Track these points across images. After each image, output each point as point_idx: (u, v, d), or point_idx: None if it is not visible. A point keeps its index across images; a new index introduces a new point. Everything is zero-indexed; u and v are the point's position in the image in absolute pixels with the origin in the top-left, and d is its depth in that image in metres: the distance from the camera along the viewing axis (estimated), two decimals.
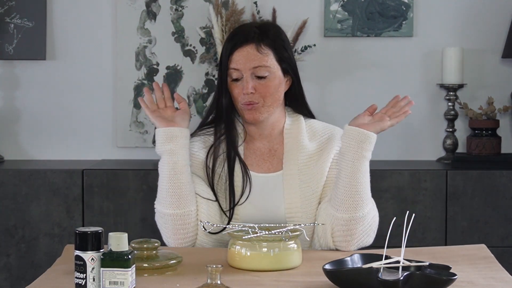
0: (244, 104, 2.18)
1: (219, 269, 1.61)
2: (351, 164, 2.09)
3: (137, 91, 3.54)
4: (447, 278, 1.65)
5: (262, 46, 2.19)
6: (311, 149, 2.25)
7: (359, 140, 2.09)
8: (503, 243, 3.18)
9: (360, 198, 2.09)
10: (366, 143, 2.10)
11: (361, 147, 2.09)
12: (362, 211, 2.08)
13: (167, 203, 2.14)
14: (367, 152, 2.10)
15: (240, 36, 2.20)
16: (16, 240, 3.18)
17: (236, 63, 2.18)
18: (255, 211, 2.21)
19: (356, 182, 2.08)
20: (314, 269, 1.88)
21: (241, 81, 2.19)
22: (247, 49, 2.18)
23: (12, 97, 3.55)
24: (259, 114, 2.19)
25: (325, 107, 3.51)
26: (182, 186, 2.13)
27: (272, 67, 2.19)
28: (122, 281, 1.64)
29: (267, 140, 2.27)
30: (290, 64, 2.24)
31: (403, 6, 3.51)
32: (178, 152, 2.13)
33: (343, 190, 2.09)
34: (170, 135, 2.14)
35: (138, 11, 3.53)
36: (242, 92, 2.18)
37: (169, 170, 2.13)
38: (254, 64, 2.17)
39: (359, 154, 2.09)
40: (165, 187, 2.14)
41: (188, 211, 2.14)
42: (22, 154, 3.56)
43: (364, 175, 2.11)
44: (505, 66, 3.54)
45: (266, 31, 2.21)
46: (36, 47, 3.51)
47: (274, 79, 2.19)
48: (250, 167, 2.25)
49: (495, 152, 3.39)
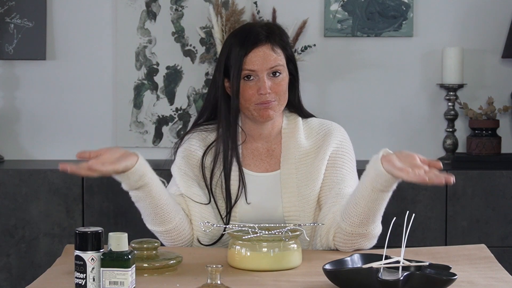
0: (260, 103, 2.17)
1: (219, 269, 1.61)
2: (370, 191, 2.00)
3: (137, 91, 3.54)
4: (447, 278, 1.65)
5: (275, 46, 2.19)
6: (307, 147, 2.25)
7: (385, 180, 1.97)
8: (503, 243, 3.18)
9: (367, 219, 2.04)
10: (392, 185, 2.00)
11: (381, 183, 1.98)
12: (367, 228, 2.06)
13: (156, 222, 2.13)
14: (388, 188, 2.00)
15: (252, 37, 2.17)
16: (16, 240, 3.18)
17: (253, 64, 2.16)
18: (252, 211, 2.21)
19: (368, 208, 2.02)
20: (314, 269, 1.88)
21: (254, 81, 2.17)
22: (263, 49, 2.17)
23: (12, 97, 3.55)
24: (273, 112, 2.19)
25: (325, 107, 3.51)
26: (165, 206, 2.11)
27: (284, 66, 2.20)
28: (122, 281, 1.64)
29: (265, 141, 2.27)
30: (294, 64, 2.25)
31: (403, 6, 3.51)
32: (150, 183, 2.07)
33: (354, 208, 2.04)
34: (136, 176, 2.04)
35: (138, 11, 3.53)
36: (256, 93, 2.16)
37: (149, 199, 2.09)
38: (271, 64, 2.16)
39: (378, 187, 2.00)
40: (151, 212, 2.12)
41: (178, 221, 2.14)
42: (22, 154, 3.56)
43: (381, 203, 2.03)
44: (505, 66, 3.54)
45: (273, 31, 2.21)
46: (36, 47, 3.51)
47: (285, 77, 2.21)
48: (248, 167, 2.24)
49: (495, 152, 3.39)
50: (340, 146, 2.24)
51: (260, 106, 2.17)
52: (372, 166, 1.98)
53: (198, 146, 2.26)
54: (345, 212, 2.07)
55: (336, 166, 2.22)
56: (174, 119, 3.55)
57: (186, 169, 2.23)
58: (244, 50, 2.16)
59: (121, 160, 1.98)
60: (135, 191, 2.09)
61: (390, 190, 2.01)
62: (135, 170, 2.02)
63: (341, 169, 2.22)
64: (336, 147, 2.24)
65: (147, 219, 2.16)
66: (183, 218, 2.16)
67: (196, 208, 2.18)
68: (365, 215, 2.03)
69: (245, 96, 2.18)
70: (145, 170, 2.05)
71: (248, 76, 2.17)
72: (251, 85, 2.17)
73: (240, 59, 2.16)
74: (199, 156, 2.25)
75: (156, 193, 2.09)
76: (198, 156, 2.25)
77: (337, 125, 2.30)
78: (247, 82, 2.17)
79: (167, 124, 3.55)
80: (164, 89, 3.54)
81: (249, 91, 2.17)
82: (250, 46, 2.17)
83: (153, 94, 3.54)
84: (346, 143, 2.27)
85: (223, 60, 2.21)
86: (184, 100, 3.54)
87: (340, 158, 2.23)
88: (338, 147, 2.24)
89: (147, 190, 2.08)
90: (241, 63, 2.16)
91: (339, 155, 2.23)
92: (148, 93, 3.54)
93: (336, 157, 2.23)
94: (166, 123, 3.55)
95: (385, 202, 2.05)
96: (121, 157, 1.99)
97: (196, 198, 2.19)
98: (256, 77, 2.17)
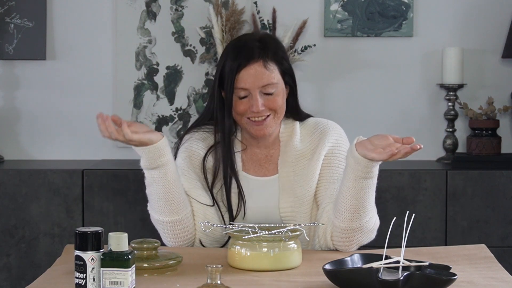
0: (252, 121, 2.17)
1: (219, 269, 1.61)
2: (353, 181, 2.01)
3: (137, 91, 3.54)
4: (447, 278, 1.65)
5: (268, 62, 2.17)
6: (303, 149, 2.25)
7: (364, 165, 1.98)
8: (503, 243, 3.18)
9: (358, 212, 2.04)
10: (372, 169, 2.00)
11: (362, 170, 1.99)
12: (360, 222, 2.06)
13: (166, 211, 2.13)
14: (369, 174, 2.01)
15: (244, 53, 2.16)
16: (16, 240, 3.18)
17: (244, 82, 2.15)
18: (251, 214, 2.21)
19: (356, 199, 2.03)
20: (314, 269, 1.88)
21: (248, 99, 2.17)
22: (255, 67, 2.16)
23: (12, 97, 3.55)
24: (269, 128, 2.19)
25: (325, 107, 3.51)
26: (177, 194, 2.12)
27: (278, 82, 2.18)
28: (122, 281, 1.64)
29: (264, 147, 2.27)
30: (291, 76, 2.24)
31: (403, 6, 3.51)
32: (167, 165, 2.10)
33: (343, 202, 2.05)
34: (157, 153, 2.08)
35: (138, 11, 3.53)
36: (249, 109, 2.16)
37: (163, 182, 2.10)
38: (263, 82, 2.15)
39: (360, 175, 2.00)
40: (162, 198, 2.12)
41: (186, 214, 2.14)
42: (22, 154, 3.56)
43: (367, 191, 2.03)
44: (505, 66, 3.54)
45: (266, 44, 2.19)
46: (36, 47, 3.51)
47: (280, 92, 2.19)
48: (248, 171, 2.25)
49: (495, 152, 3.39)
50: (335, 145, 2.24)
51: (253, 123, 2.18)
52: (349, 154, 2.00)
53: (199, 146, 2.26)
54: (335, 209, 2.08)
55: (331, 165, 2.22)
56: (174, 119, 3.55)
57: (189, 170, 2.23)
58: (236, 66, 2.15)
59: (146, 133, 2.05)
60: (152, 171, 2.10)
61: (373, 177, 2.02)
62: (158, 146, 2.06)
63: (337, 168, 2.22)
64: (332, 146, 2.24)
65: (155, 207, 2.15)
66: (190, 214, 2.16)
67: (200, 209, 2.18)
68: (355, 208, 2.04)
69: (237, 111, 2.18)
70: (166, 150, 2.09)
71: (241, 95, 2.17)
72: (243, 101, 2.17)
73: (232, 76, 2.15)
74: (201, 156, 2.25)
75: (171, 178, 2.10)
76: (200, 156, 2.25)
77: (332, 124, 2.29)
78: (239, 99, 2.18)
79: (167, 124, 3.55)
80: (164, 89, 3.54)
81: (241, 106, 2.18)
82: (243, 63, 2.15)
83: (153, 94, 3.54)
84: (342, 142, 2.26)
85: (219, 70, 2.21)
86: (184, 100, 3.54)
87: (335, 157, 2.23)
88: (333, 146, 2.24)
89: (163, 172, 2.09)
90: (233, 80, 2.15)
91: (334, 154, 2.23)
92: (148, 93, 3.54)
93: (332, 156, 2.23)
94: (166, 123, 3.55)
95: (372, 190, 2.05)
96: (147, 131, 2.07)
97: (201, 199, 2.19)
98: (249, 95, 2.17)
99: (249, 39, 2.23)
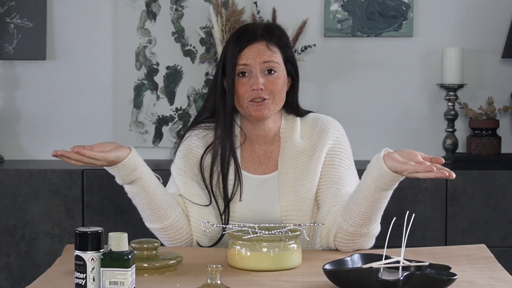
0: (252, 101, 2.17)
1: (219, 269, 1.61)
2: (373, 191, 2.00)
3: (137, 91, 3.54)
4: (447, 278, 1.65)
5: (271, 44, 2.19)
6: (303, 145, 2.24)
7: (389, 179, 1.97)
8: (503, 243, 3.18)
9: (369, 218, 2.04)
10: (396, 182, 1.99)
11: (385, 182, 1.98)
12: (368, 227, 2.06)
13: (153, 219, 2.14)
14: (392, 186, 2.01)
15: (248, 34, 2.19)
16: (16, 240, 3.18)
17: (246, 58, 2.16)
18: (250, 213, 2.21)
19: (371, 208, 2.03)
20: (314, 269, 1.88)
21: (248, 78, 2.17)
22: (258, 45, 2.18)
23: (12, 97, 3.55)
24: (267, 111, 2.18)
25: (325, 107, 3.50)
26: (160, 202, 2.12)
27: (280, 65, 2.19)
28: (122, 281, 1.64)
29: (264, 142, 2.26)
30: (293, 65, 2.24)
31: (403, 6, 3.51)
32: (142, 177, 2.09)
33: (356, 208, 2.04)
34: (127, 169, 2.07)
35: (138, 11, 3.53)
36: (249, 89, 2.16)
37: (144, 194, 2.10)
38: (265, 59, 2.16)
39: (382, 186, 1.99)
40: (146, 208, 2.13)
41: (175, 218, 2.14)
42: (22, 154, 3.56)
43: (383, 201, 2.03)
44: (505, 66, 3.54)
45: (271, 30, 2.21)
46: (36, 47, 3.51)
47: (281, 76, 2.19)
48: (247, 169, 2.25)
49: (495, 152, 3.39)
50: (336, 143, 2.23)
51: (253, 103, 2.17)
52: (375, 166, 1.97)
53: (198, 145, 2.26)
54: (346, 212, 2.07)
55: (333, 164, 2.21)
56: (174, 119, 3.55)
57: (185, 169, 2.23)
58: (239, 46, 2.17)
59: (112, 151, 2.03)
60: (128, 186, 2.11)
61: (392, 188, 2.02)
62: (126, 163, 2.05)
63: (339, 167, 2.21)
64: (333, 144, 2.23)
65: (144, 216, 2.17)
66: (180, 216, 2.15)
67: (195, 210, 2.18)
68: (367, 215, 2.04)
69: (238, 92, 2.17)
70: (137, 163, 2.07)
71: (242, 73, 2.17)
72: (244, 81, 2.17)
73: (235, 55, 2.17)
74: (199, 155, 2.25)
75: (150, 188, 2.10)
76: (198, 155, 2.25)
77: (332, 120, 2.29)
78: (241, 79, 2.18)
79: (167, 124, 3.55)
80: (164, 89, 3.54)
81: (242, 87, 2.17)
82: (245, 43, 2.18)
83: (153, 94, 3.54)
84: (342, 139, 2.26)
85: (221, 59, 2.23)
86: (184, 100, 3.54)
87: (337, 156, 2.22)
88: (334, 144, 2.23)
89: (140, 185, 2.09)
90: (235, 58, 2.17)
91: (336, 152, 2.22)
92: (148, 93, 3.54)
93: (333, 155, 2.22)
94: (166, 123, 3.55)
95: (387, 200, 2.05)
96: (113, 149, 2.04)
97: (195, 200, 2.18)
98: (250, 73, 2.17)
99: (253, 24, 2.27)
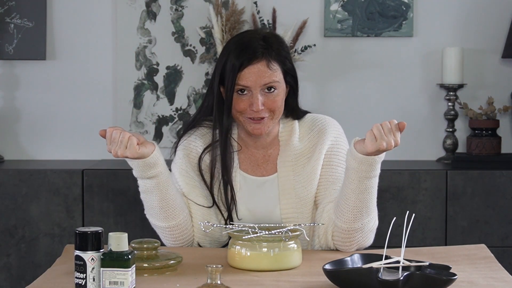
0: (251, 118, 2.16)
1: (219, 269, 1.61)
2: (357, 182, 2.02)
3: (137, 91, 3.54)
4: (447, 278, 1.65)
5: (271, 62, 2.14)
6: (302, 147, 2.24)
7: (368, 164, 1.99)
8: (503, 243, 3.18)
9: (361, 212, 2.05)
10: (376, 166, 2.01)
11: (365, 169, 2.00)
12: (361, 222, 2.06)
13: (162, 217, 2.13)
14: (373, 172, 2.02)
15: (248, 52, 2.13)
16: (16, 240, 3.18)
17: (246, 80, 2.13)
18: (250, 215, 2.21)
19: (360, 200, 2.03)
20: (314, 269, 1.88)
21: (248, 96, 2.14)
22: (258, 66, 2.13)
23: (12, 97, 3.55)
24: (266, 128, 2.17)
25: (325, 107, 3.50)
26: (171, 201, 2.12)
27: (280, 82, 2.16)
28: (122, 281, 1.64)
29: (262, 147, 2.26)
30: (293, 76, 2.22)
31: (403, 6, 3.51)
32: (160, 175, 2.10)
33: (345, 203, 2.05)
34: (149, 165, 2.07)
35: (138, 11, 3.53)
36: (248, 107, 2.14)
37: (157, 191, 2.10)
38: (265, 81, 2.13)
39: (364, 175, 2.01)
40: (157, 205, 2.12)
41: (183, 218, 2.14)
42: (22, 154, 3.56)
43: (370, 191, 2.04)
44: (505, 66, 3.54)
45: (271, 44, 2.16)
46: (36, 47, 3.51)
47: (281, 92, 2.17)
48: (246, 171, 2.24)
49: (495, 152, 3.39)
50: (334, 143, 2.23)
51: (251, 121, 2.16)
52: (350, 157, 2.01)
53: (198, 144, 2.25)
54: (337, 209, 2.08)
55: (332, 164, 2.21)
56: (174, 119, 3.55)
57: (187, 169, 2.22)
58: (239, 64, 2.13)
59: (141, 146, 2.03)
60: (144, 180, 2.10)
61: (376, 175, 2.03)
62: (149, 160, 2.06)
63: (337, 167, 2.21)
64: (331, 144, 2.23)
65: (152, 213, 2.16)
66: (187, 217, 2.16)
67: (198, 211, 2.18)
68: (358, 209, 2.04)
69: (237, 108, 2.16)
70: (158, 161, 2.08)
71: (241, 90, 2.15)
72: (244, 99, 2.15)
73: (234, 74, 2.13)
74: (199, 155, 2.24)
75: (165, 187, 2.11)
76: (198, 154, 2.24)
77: (330, 120, 2.28)
78: (240, 96, 2.15)
79: (167, 124, 3.55)
80: (164, 89, 3.54)
81: (241, 104, 2.15)
82: (246, 62, 2.13)
83: (153, 94, 3.54)
84: (341, 139, 2.26)
85: (220, 67, 2.18)
86: (184, 100, 3.54)
87: (335, 156, 2.22)
88: (333, 144, 2.23)
89: (156, 182, 2.09)
90: (234, 77, 2.13)
91: (334, 152, 2.22)
92: (148, 93, 3.54)
93: (332, 155, 2.22)
94: (166, 123, 3.55)
95: (375, 190, 2.06)
96: (141, 143, 2.04)
97: (199, 201, 2.18)
98: (250, 92, 2.14)
99: (253, 37, 2.19)
